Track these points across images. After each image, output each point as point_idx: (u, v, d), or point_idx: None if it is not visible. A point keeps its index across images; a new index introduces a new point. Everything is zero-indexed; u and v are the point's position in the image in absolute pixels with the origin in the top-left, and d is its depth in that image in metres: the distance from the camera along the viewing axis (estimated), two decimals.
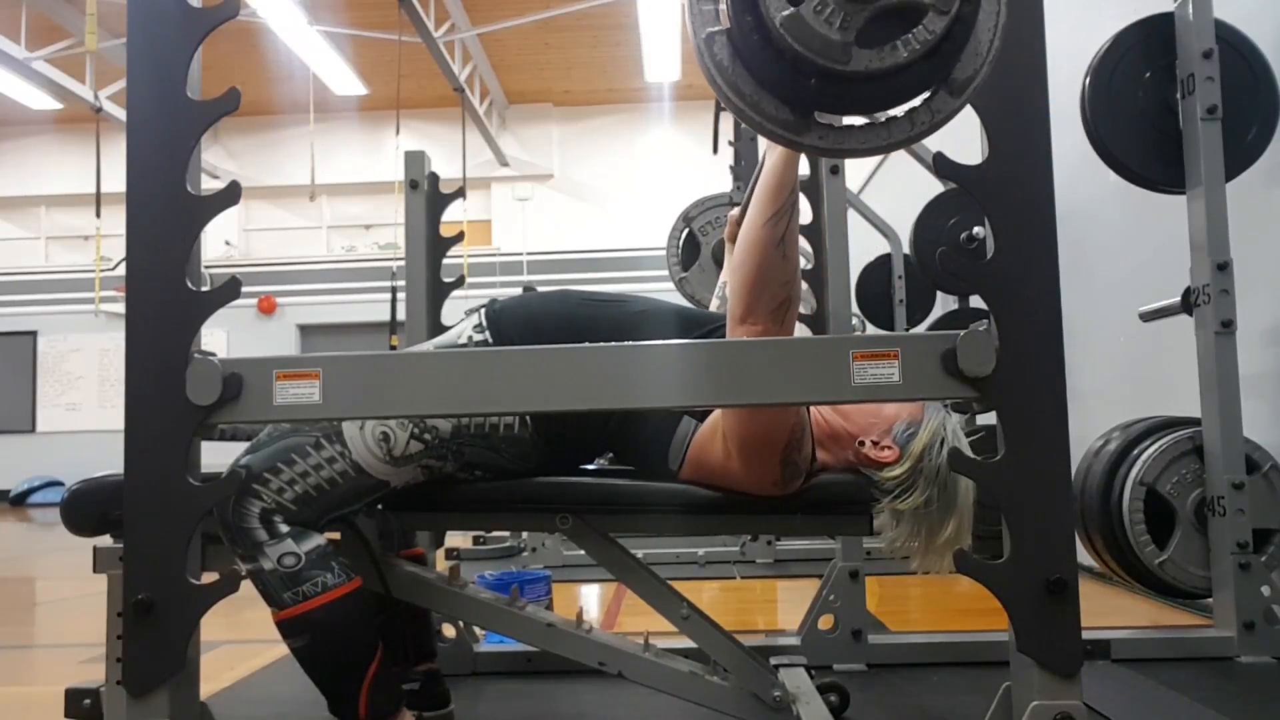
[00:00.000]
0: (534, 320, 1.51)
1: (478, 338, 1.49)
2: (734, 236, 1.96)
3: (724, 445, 1.36)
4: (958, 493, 1.39)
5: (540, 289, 1.75)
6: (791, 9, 0.80)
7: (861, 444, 1.42)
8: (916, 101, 0.85)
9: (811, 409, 1.45)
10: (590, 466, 1.62)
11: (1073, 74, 2.38)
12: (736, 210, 1.35)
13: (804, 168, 2.19)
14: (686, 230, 4.01)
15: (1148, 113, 2.33)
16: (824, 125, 0.85)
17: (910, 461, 1.39)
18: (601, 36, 10.13)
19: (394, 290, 7.58)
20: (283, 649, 1.33)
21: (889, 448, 1.41)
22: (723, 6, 0.83)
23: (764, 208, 1.24)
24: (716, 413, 1.39)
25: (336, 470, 1.36)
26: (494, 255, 11.67)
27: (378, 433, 1.37)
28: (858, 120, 0.86)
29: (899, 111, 0.85)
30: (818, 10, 0.80)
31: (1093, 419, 2.67)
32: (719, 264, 3.82)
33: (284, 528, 1.31)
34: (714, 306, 2.08)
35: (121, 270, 1.12)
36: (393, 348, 6.91)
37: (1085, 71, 2.38)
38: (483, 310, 1.54)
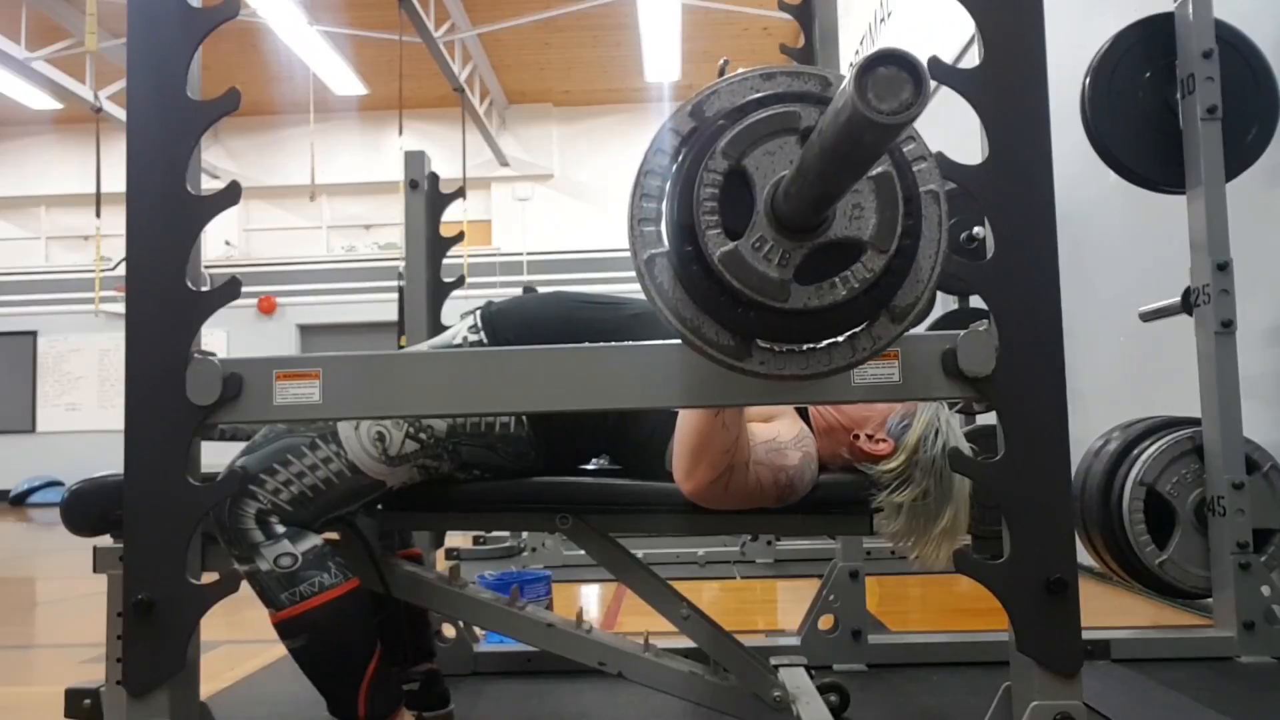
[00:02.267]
0: (530, 322, 1.51)
1: (473, 339, 1.49)
2: None
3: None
4: (954, 482, 1.40)
5: (539, 289, 1.75)
6: (730, 245, 0.80)
7: (856, 437, 1.43)
8: (859, 329, 0.85)
9: None
10: (589, 466, 1.62)
11: (1073, 74, 2.38)
12: None
13: None
14: None
15: (1148, 113, 2.33)
16: (765, 350, 0.85)
17: (905, 454, 1.40)
18: (601, 36, 10.13)
19: (400, 290, 7.58)
20: (283, 649, 1.33)
21: (884, 440, 1.42)
22: (664, 228, 0.84)
23: None
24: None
25: (332, 470, 1.36)
26: (494, 255, 11.67)
27: (373, 433, 1.37)
28: (800, 345, 0.86)
29: (841, 338, 0.85)
30: (756, 247, 0.80)
31: (1093, 419, 2.67)
32: None
33: (280, 528, 1.31)
34: None
35: (121, 270, 1.12)
36: (401, 347, 6.91)
37: (1085, 71, 2.38)
38: (478, 312, 1.54)
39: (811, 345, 0.85)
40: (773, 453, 1.35)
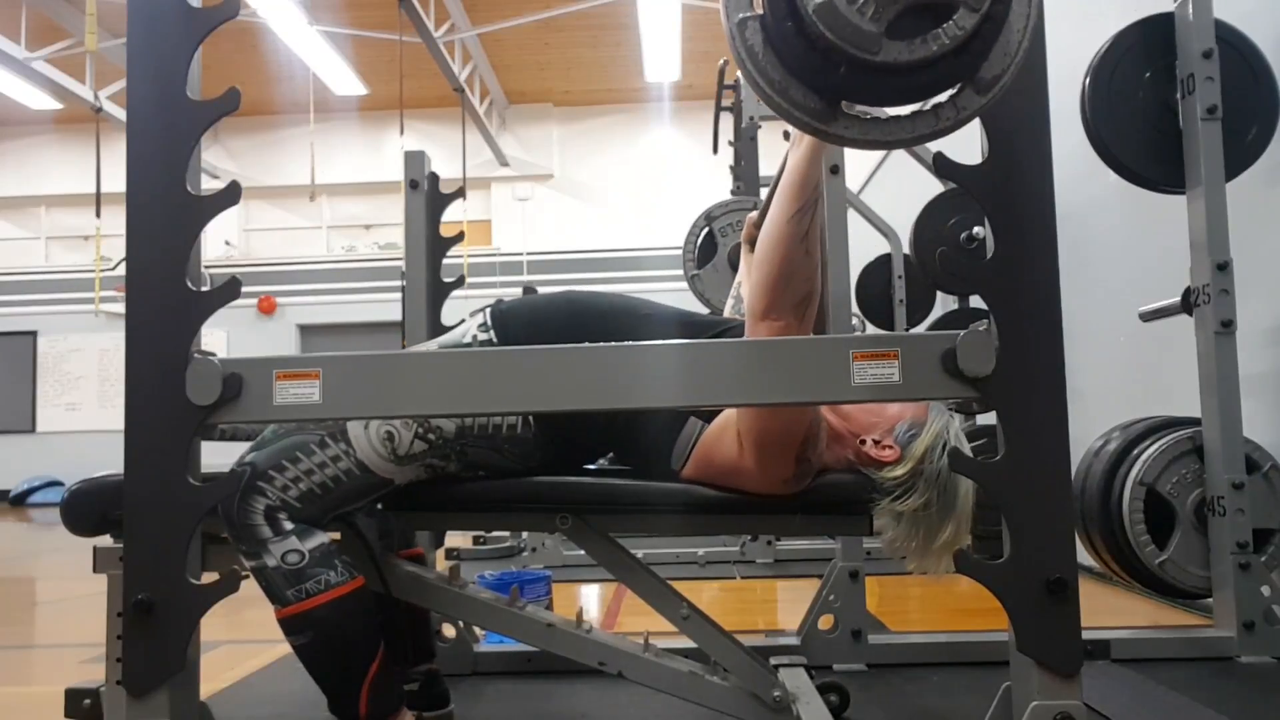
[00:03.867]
0: (539, 321, 1.51)
1: (482, 337, 1.49)
2: (751, 239, 1.95)
3: (738, 443, 1.36)
4: (957, 496, 1.39)
5: (541, 289, 1.75)
6: None
7: (863, 442, 1.42)
8: (943, 97, 0.85)
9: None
10: (591, 466, 1.62)
11: (1073, 74, 2.38)
12: (754, 213, 1.35)
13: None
14: (707, 229, 4.04)
15: (1148, 113, 2.33)
16: (850, 116, 0.86)
17: (911, 463, 1.39)
18: (601, 36, 10.13)
19: (404, 290, 7.57)
20: (283, 649, 1.33)
21: (890, 447, 1.41)
22: None
23: (788, 204, 1.23)
24: (727, 412, 1.39)
25: (341, 468, 1.36)
26: (494, 255, 11.67)
27: (382, 432, 1.38)
28: (884, 112, 0.87)
29: (925, 105, 0.86)
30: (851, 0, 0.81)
31: (1093, 419, 2.66)
32: (734, 267, 3.84)
33: (288, 525, 1.31)
34: (728, 309, 2.08)
35: (121, 270, 1.12)
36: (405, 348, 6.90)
37: (1085, 71, 2.38)
38: (488, 310, 1.54)
39: (896, 114, 0.85)
40: None
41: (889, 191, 6.12)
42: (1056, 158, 1.01)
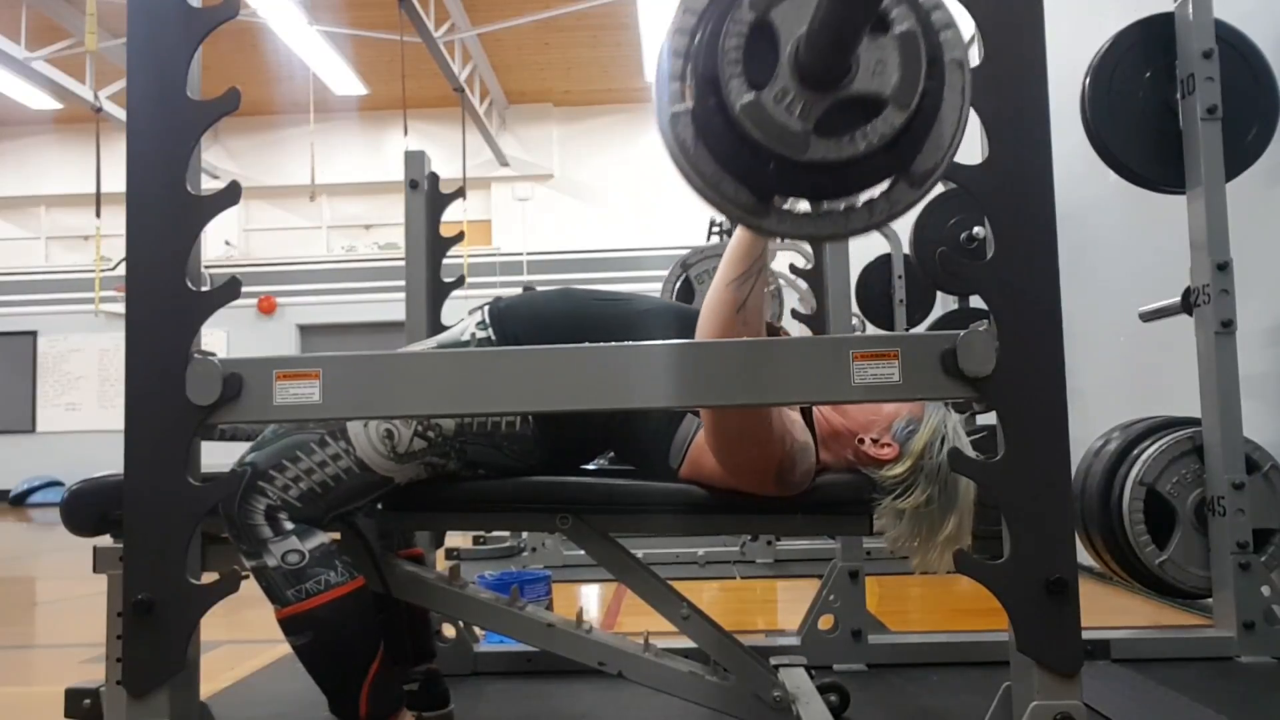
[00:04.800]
0: (537, 319, 1.51)
1: (481, 335, 1.49)
2: None
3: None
4: (958, 490, 1.40)
5: (540, 289, 1.75)
6: (752, 95, 0.80)
7: (861, 441, 1.42)
8: (876, 191, 0.85)
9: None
10: (590, 466, 1.62)
11: (1073, 74, 2.38)
12: None
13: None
14: (683, 277, 4.06)
15: (1148, 113, 2.33)
16: (783, 210, 0.85)
17: (910, 460, 1.39)
18: (601, 36, 10.13)
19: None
20: (283, 649, 1.33)
21: (889, 445, 1.41)
22: (688, 86, 0.83)
23: (729, 269, 1.24)
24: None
25: (341, 467, 1.36)
26: (494, 255, 11.67)
27: (382, 430, 1.38)
28: (818, 205, 0.86)
29: (858, 200, 0.85)
30: (778, 98, 0.80)
31: (1093, 419, 2.66)
32: None
33: (289, 525, 1.31)
34: None
35: (121, 270, 1.12)
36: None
37: (1085, 71, 2.38)
38: (486, 308, 1.54)
39: (830, 207, 0.85)
40: (788, 418, 1.34)
41: None
42: (1056, 158, 1.01)
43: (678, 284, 4.07)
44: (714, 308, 1.25)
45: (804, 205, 0.86)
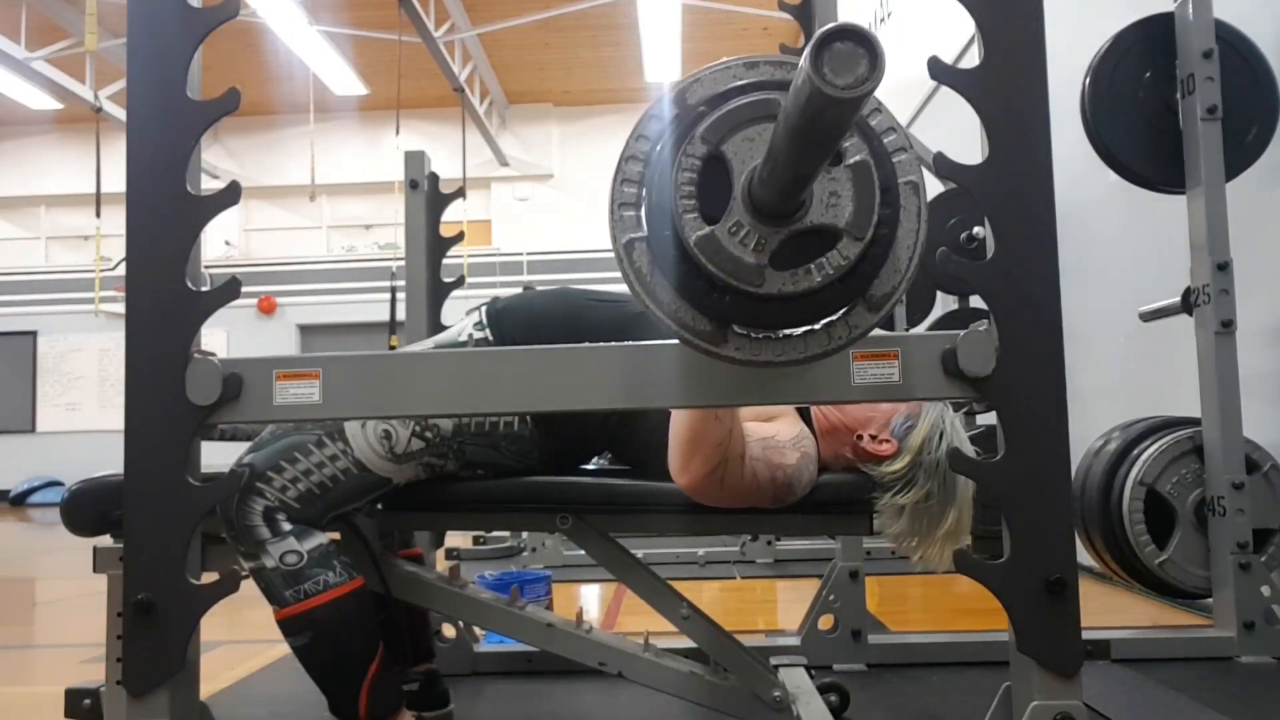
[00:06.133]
0: (535, 319, 1.51)
1: (478, 335, 1.49)
2: None
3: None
4: (957, 485, 1.40)
5: (539, 289, 1.75)
6: (707, 229, 0.80)
7: (860, 438, 1.42)
8: (835, 315, 0.85)
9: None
10: (590, 466, 1.62)
11: (1073, 74, 2.38)
12: None
13: None
14: None
15: (1148, 113, 2.33)
16: (741, 336, 0.85)
17: (909, 455, 1.39)
18: (601, 36, 10.13)
19: (394, 290, 7.58)
20: (283, 649, 1.33)
21: (887, 441, 1.41)
22: (643, 213, 0.84)
23: None
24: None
25: (339, 468, 1.36)
26: (494, 255, 11.67)
27: (379, 430, 1.38)
28: (777, 330, 0.86)
29: (817, 326, 0.85)
30: (732, 232, 0.80)
31: (1093, 419, 2.67)
32: None
33: (287, 526, 1.31)
34: None
35: (121, 270, 1.12)
36: (392, 348, 6.91)
37: (1085, 71, 2.38)
38: (483, 308, 1.54)
39: (789, 332, 0.85)
40: (770, 450, 1.34)
41: None
42: (1056, 158, 1.01)
43: None
44: (683, 412, 1.28)
45: (763, 332, 0.85)
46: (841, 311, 0.84)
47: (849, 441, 1.43)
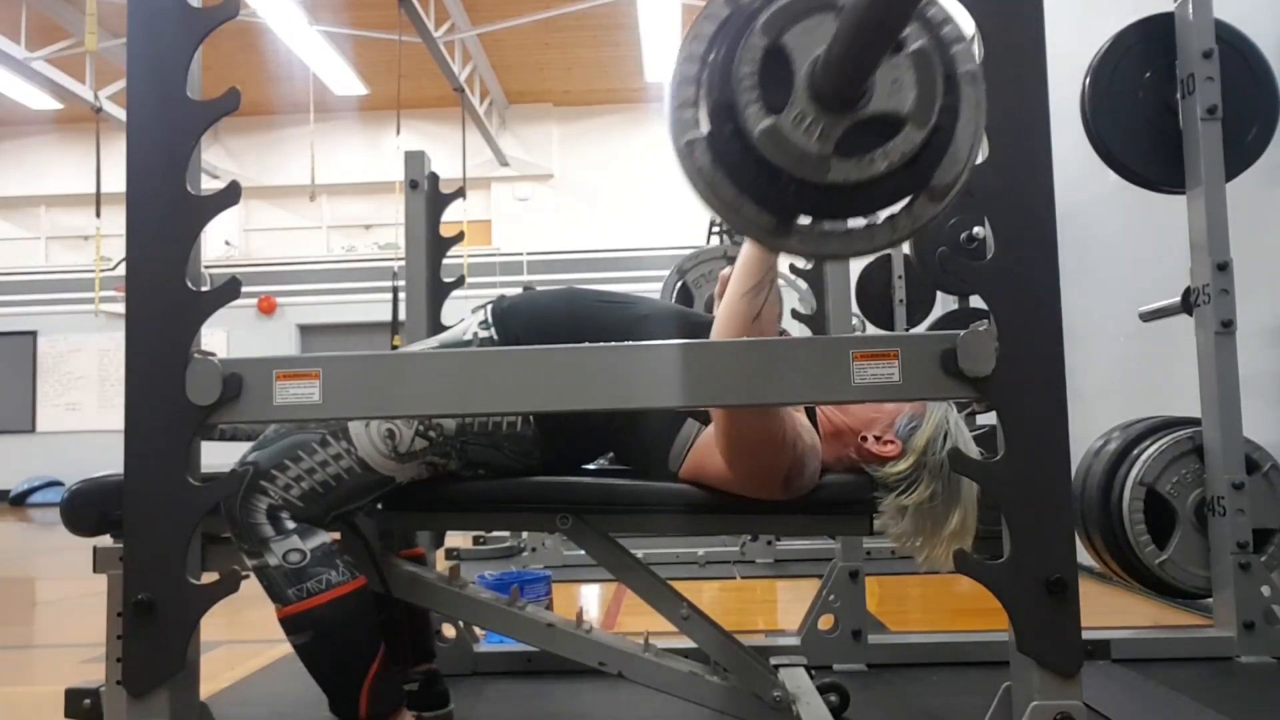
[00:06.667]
0: (540, 319, 1.51)
1: (483, 334, 1.50)
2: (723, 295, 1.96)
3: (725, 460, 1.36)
4: (961, 485, 1.40)
5: (540, 289, 1.75)
6: (770, 120, 0.80)
7: (864, 439, 1.42)
8: (897, 207, 0.85)
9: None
10: (590, 466, 1.62)
11: (1073, 74, 2.38)
12: (727, 269, 1.35)
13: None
14: (680, 283, 4.05)
15: (1148, 113, 2.33)
16: (805, 229, 0.85)
17: (914, 456, 1.39)
18: (601, 36, 10.13)
19: (395, 290, 7.58)
20: (283, 649, 1.34)
21: (891, 442, 1.41)
22: (702, 113, 0.84)
23: (742, 280, 1.25)
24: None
25: (343, 466, 1.36)
26: (494, 255, 11.67)
27: (383, 430, 1.38)
28: (839, 224, 0.86)
29: (880, 217, 0.85)
30: (796, 122, 0.80)
31: (1093, 419, 2.67)
32: None
33: (290, 524, 1.31)
34: None
35: (121, 270, 1.12)
36: (394, 348, 6.91)
37: (1085, 71, 2.38)
38: (489, 307, 1.54)
39: (852, 225, 0.85)
40: (793, 420, 1.34)
41: None
42: (1056, 158, 1.01)
43: (675, 289, 4.06)
44: (729, 319, 1.26)
45: (826, 224, 0.86)
46: (904, 202, 0.85)
47: (853, 443, 1.43)
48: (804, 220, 0.85)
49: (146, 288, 1.06)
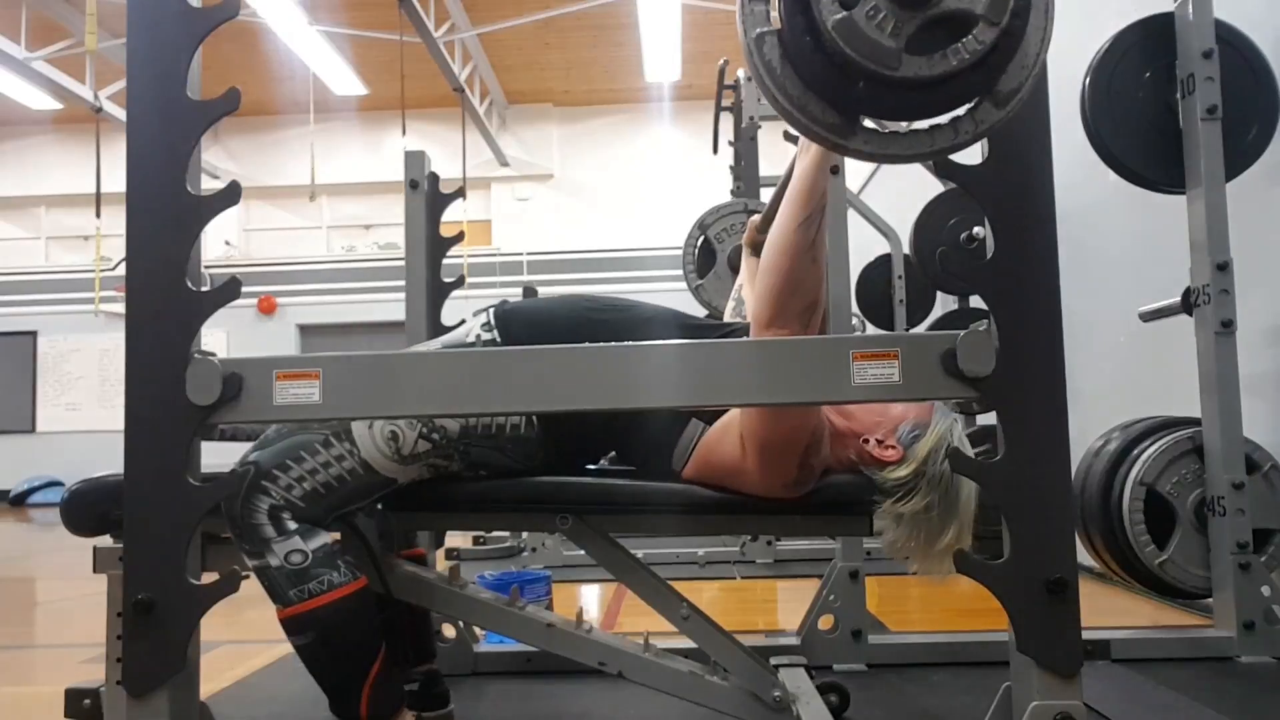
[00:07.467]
0: (542, 323, 1.51)
1: (486, 336, 1.50)
2: (753, 243, 1.95)
3: (740, 446, 1.36)
4: (959, 499, 1.39)
5: (541, 289, 1.75)
6: (844, 13, 0.80)
7: (866, 442, 1.42)
8: (961, 111, 0.85)
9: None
10: (592, 466, 1.62)
11: (1073, 74, 2.38)
12: (756, 217, 1.34)
13: None
14: (702, 238, 4.03)
15: (1148, 113, 2.33)
16: (869, 130, 0.86)
17: (914, 464, 1.39)
18: (601, 36, 10.13)
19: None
20: (283, 649, 1.34)
21: (893, 448, 1.40)
22: (773, 7, 0.84)
23: (796, 212, 1.23)
24: (730, 414, 1.39)
25: (345, 468, 1.36)
26: (494, 255, 11.67)
27: (386, 431, 1.38)
28: (902, 126, 0.87)
29: (943, 120, 0.86)
30: (870, 15, 0.81)
31: (1093, 419, 2.66)
32: (735, 270, 3.82)
33: (292, 525, 1.31)
34: (728, 312, 2.08)
35: (121, 270, 1.12)
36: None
37: (1085, 71, 2.38)
38: (492, 310, 1.54)
39: (916, 127, 0.85)
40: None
41: (889, 191, 6.12)
42: (1056, 158, 1.01)
43: (698, 245, 4.03)
44: (785, 250, 1.24)
45: (889, 126, 0.86)
46: (968, 106, 0.85)
47: (855, 445, 1.43)
48: (868, 124, 0.85)
49: (146, 288, 1.06)
